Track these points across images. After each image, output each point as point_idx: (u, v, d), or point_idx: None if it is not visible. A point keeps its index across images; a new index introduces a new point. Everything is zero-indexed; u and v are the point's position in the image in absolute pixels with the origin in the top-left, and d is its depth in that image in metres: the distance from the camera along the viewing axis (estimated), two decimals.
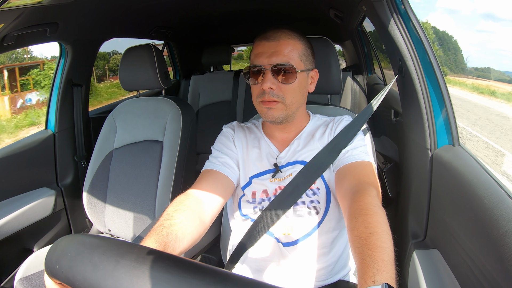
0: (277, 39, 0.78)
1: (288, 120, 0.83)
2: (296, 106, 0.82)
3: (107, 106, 1.94)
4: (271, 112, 0.79)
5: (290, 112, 0.81)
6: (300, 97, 0.82)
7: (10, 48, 1.09)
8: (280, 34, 0.79)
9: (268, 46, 0.78)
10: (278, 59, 0.77)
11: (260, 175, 0.84)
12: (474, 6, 68.17)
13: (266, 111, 0.80)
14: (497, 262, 0.56)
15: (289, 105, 0.80)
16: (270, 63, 0.77)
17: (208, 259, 1.37)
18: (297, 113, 0.84)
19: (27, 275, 1.08)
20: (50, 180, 1.46)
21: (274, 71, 0.77)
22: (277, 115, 0.80)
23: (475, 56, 45.08)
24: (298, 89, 0.80)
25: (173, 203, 0.70)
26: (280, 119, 0.81)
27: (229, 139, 0.90)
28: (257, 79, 0.79)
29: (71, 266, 0.38)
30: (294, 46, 0.79)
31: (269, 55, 0.77)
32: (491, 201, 0.61)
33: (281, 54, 0.77)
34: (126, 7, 1.36)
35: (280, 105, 0.79)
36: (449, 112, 0.86)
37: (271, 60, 0.77)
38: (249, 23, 2.29)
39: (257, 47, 0.80)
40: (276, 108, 0.79)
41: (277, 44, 0.78)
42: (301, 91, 0.82)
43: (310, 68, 0.84)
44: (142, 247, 0.39)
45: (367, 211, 0.57)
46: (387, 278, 0.44)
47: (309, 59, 0.83)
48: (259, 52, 0.79)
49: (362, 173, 0.73)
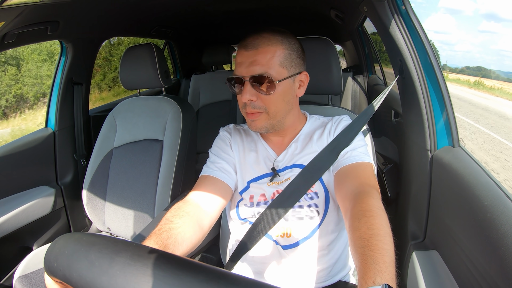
0: (255, 47, 0.73)
1: (275, 128, 0.80)
2: (282, 115, 0.79)
3: (107, 105, 1.94)
4: (255, 124, 0.78)
5: (275, 121, 0.78)
6: (285, 105, 0.78)
7: (11, 46, 1.09)
8: (259, 42, 0.74)
9: (246, 56, 0.74)
10: (256, 70, 0.72)
11: (258, 179, 0.83)
12: (477, 6, 68.38)
13: (250, 123, 0.78)
14: (496, 263, 0.56)
15: (273, 114, 0.77)
16: (249, 74, 0.73)
17: (207, 259, 1.37)
18: (286, 119, 0.81)
19: (26, 273, 1.08)
20: (50, 179, 1.46)
21: (253, 82, 0.73)
22: (261, 126, 0.78)
23: (478, 57, 45.12)
24: (282, 97, 0.76)
25: (172, 209, 0.70)
26: (265, 129, 0.78)
27: (226, 143, 0.89)
28: (239, 89, 0.77)
29: (68, 264, 0.38)
30: (275, 53, 0.74)
31: (247, 66, 0.73)
32: (491, 202, 0.61)
33: (259, 64, 0.72)
34: (127, 6, 1.36)
35: (264, 115, 0.76)
36: (449, 113, 0.86)
37: (249, 71, 0.73)
38: (250, 22, 2.29)
39: (237, 56, 0.76)
40: (259, 119, 0.77)
41: (255, 53, 0.73)
42: (286, 99, 0.77)
43: (297, 72, 0.78)
44: (138, 244, 0.39)
45: (370, 213, 0.57)
46: (388, 280, 0.44)
47: (295, 62, 0.77)
48: (238, 62, 0.76)
49: (363, 175, 0.72)
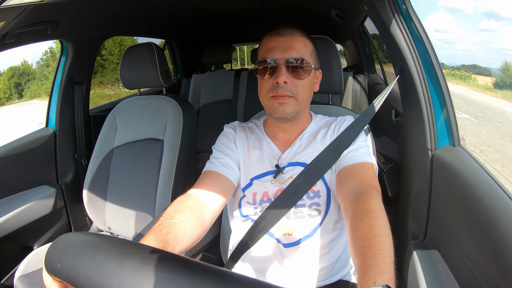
0: (290, 35, 0.78)
1: (297, 117, 0.82)
2: (306, 103, 0.82)
3: (108, 104, 1.94)
4: (283, 108, 0.78)
5: (300, 108, 0.80)
6: (309, 95, 0.83)
7: (11, 46, 1.09)
8: (292, 31, 0.79)
9: (281, 41, 0.78)
10: (293, 54, 0.76)
11: (261, 177, 0.83)
12: (477, 5, 68.36)
13: (277, 107, 0.78)
14: (497, 263, 0.56)
15: (300, 101, 0.79)
16: (285, 57, 0.76)
17: (208, 258, 1.37)
18: (304, 111, 0.84)
19: (27, 273, 1.08)
20: (50, 178, 1.46)
21: (288, 66, 0.76)
22: (289, 111, 0.78)
23: (478, 55, 45.01)
24: (309, 86, 0.80)
25: (173, 203, 0.70)
26: (291, 115, 0.79)
27: (230, 139, 0.89)
28: (268, 73, 0.78)
29: (73, 265, 0.37)
30: (306, 44, 0.80)
31: (283, 50, 0.77)
32: (491, 202, 0.61)
33: (295, 49, 0.77)
34: (127, 6, 1.36)
35: (293, 100, 0.78)
36: (450, 112, 0.86)
37: (285, 55, 0.76)
38: (250, 22, 2.29)
39: (268, 42, 0.79)
40: (288, 103, 0.78)
41: (291, 39, 0.78)
42: (311, 89, 0.82)
43: (317, 68, 0.84)
44: (147, 246, 0.39)
45: (372, 213, 0.57)
46: (388, 280, 0.44)
47: (316, 58, 0.84)
48: (272, 46, 0.78)
49: (365, 175, 0.72)
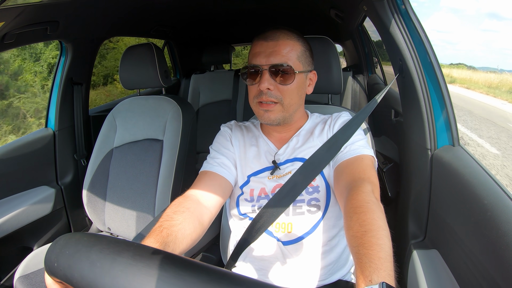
0: (276, 39, 0.77)
1: (286, 122, 0.82)
2: (294, 108, 0.81)
3: (107, 105, 1.94)
4: (268, 115, 0.78)
5: (287, 114, 0.80)
6: (298, 99, 0.81)
7: (10, 46, 1.09)
8: (279, 34, 0.78)
9: (266, 46, 0.77)
10: (276, 59, 0.75)
11: (258, 173, 0.84)
12: (479, 5, 68.40)
13: (263, 114, 0.79)
14: (496, 262, 0.56)
15: (287, 106, 0.78)
16: (268, 63, 0.76)
17: (208, 258, 1.37)
18: (295, 114, 0.83)
19: (27, 273, 1.08)
20: (50, 179, 1.46)
21: (272, 71, 0.76)
22: (274, 118, 0.79)
23: (481, 55, 45.01)
24: (296, 90, 0.79)
25: (172, 205, 0.70)
26: (277, 122, 0.79)
27: (226, 138, 0.89)
28: (254, 79, 0.78)
29: (69, 264, 0.38)
30: (293, 47, 0.78)
31: (267, 55, 0.76)
32: (491, 201, 0.61)
33: (279, 54, 0.76)
34: (127, 6, 1.36)
35: (278, 106, 0.78)
36: (449, 112, 0.86)
37: (269, 60, 0.76)
38: (250, 22, 2.29)
39: (255, 47, 0.79)
40: (273, 110, 0.78)
41: (276, 44, 0.77)
42: (299, 93, 0.81)
43: (309, 70, 0.83)
44: (139, 245, 0.39)
45: (361, 209, 0.56)
46: (385, 277, 0.43)
47: (308, 60, 0.82)
48: (257, 51, 0.78)
49: (357, 168, 0.72)
